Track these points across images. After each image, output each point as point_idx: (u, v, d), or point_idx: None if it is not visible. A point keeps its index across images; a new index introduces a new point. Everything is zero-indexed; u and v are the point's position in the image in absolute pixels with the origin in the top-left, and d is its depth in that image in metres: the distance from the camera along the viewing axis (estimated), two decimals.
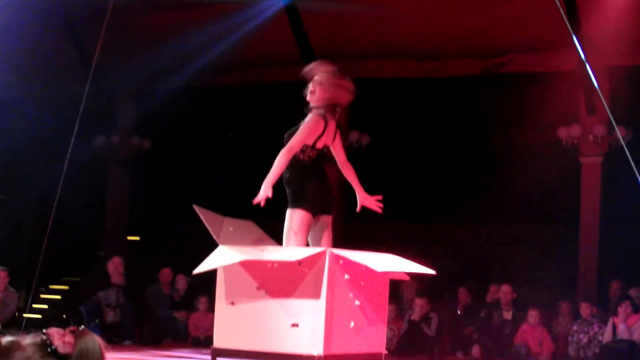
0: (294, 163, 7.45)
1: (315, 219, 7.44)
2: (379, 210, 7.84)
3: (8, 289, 14.88)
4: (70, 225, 17.62)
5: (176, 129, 19.29)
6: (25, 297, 16.10)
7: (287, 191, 7.50)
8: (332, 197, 7.68)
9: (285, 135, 7.49)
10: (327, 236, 7.54)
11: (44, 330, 1.87)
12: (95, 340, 1.86)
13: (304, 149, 7.42)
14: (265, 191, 7.14)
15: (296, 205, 7.38)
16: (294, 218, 7.36)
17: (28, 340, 1.86)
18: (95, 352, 1.84)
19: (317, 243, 7.45)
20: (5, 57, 15.69)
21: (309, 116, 7.51)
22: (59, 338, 1.83)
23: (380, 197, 7.86)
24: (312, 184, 7.44)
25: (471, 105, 17.86)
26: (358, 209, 8.00)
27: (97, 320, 14.61)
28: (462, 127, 18.42)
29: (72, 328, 1.87)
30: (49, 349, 1.82)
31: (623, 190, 14.71)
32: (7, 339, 1.87)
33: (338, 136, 7.74)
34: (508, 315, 14.75)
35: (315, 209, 7.39)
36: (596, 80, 10.11)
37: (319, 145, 7.47)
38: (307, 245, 7.36)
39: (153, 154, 19.15)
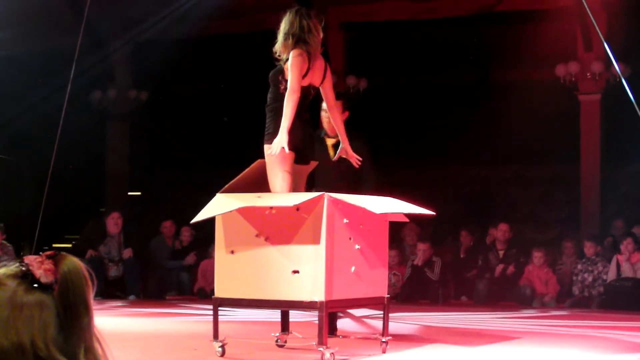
0: (277, 94, 7.17)
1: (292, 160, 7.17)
2: (356, 166, 7.64)
3: (4, 244, 14.79)
4: (71, 183, 17.53)
5: (174, 80, 19.13)
6: None
7: (267, 119, 7.23)
8: (309, 143, 7.42)
9: (270, 74, 7.32)
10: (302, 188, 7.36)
11: (22, 260, 1.76)
12: (75, 262, 1.74)
13: (284, 84, 7.09)
14: (280, 141, 6.89)
15: (273, 140, 7.05)
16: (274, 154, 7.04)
17: (4, 271, 1.73)
18: (79, 276, 1.72)
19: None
20: None
21: (291, 54, 7.15)
22: (39, 267, 1.73)
23: (361, 159, 7.67)
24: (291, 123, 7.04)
25: (467, 45, 17.73)
26: (336, 157, 7.81)
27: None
28: (458, 68, 18.30)
29: (48, 253, 1.75)
30: (30, 280, 1.71)
31: (623, 127, 14.65)
32: None
33: (328, 76, 7.46)
34: (504, 253, 14.73)
35: (291, 147, 7.06)
36: (592, 14, 9.98)
37: (304, 82, 7.13)
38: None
39: (151, 106, 18.98)
